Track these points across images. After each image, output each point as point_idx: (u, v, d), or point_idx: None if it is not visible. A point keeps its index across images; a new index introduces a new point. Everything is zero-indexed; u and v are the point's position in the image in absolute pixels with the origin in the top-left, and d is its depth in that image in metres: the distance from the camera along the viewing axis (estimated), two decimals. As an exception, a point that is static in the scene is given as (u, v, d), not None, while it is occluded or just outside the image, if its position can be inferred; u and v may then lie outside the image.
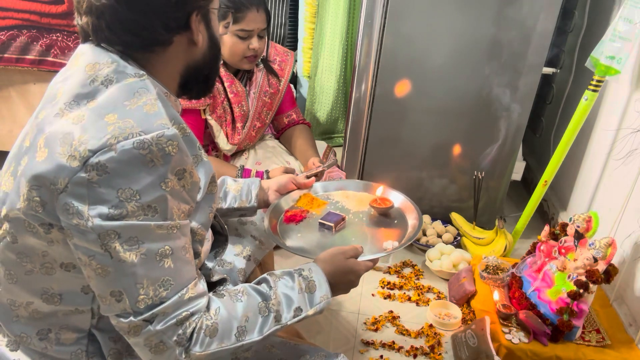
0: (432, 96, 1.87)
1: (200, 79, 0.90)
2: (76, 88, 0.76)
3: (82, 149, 0.70)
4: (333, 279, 0.93)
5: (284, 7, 2.57)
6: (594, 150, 1.86)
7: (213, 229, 1.15)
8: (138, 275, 0.73)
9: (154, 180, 0.72)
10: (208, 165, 0.87)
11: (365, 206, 1.28)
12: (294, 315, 0.87)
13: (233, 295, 0.85)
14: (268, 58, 1.91)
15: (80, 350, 0.86)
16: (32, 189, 0.73)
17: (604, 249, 1.31)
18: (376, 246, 1.13)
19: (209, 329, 0.78)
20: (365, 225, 1.22)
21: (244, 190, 1.22)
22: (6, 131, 2.22)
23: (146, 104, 0.75)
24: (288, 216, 1.23)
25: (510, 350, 1.35)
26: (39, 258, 0.80)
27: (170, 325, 0.75)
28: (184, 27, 0.80)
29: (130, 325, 0.75)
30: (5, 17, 2.00)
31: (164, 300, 0.75)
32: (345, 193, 1.34)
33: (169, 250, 0.76)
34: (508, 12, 1.71)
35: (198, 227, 0.86)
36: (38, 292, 0.82)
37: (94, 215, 0.70)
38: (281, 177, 1.30)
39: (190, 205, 0.80)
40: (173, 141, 0.74)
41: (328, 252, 0.98)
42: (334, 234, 1.17)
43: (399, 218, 1.25)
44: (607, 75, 1.55)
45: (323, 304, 0.90)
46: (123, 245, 0.72)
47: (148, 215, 0.73)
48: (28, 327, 0.85)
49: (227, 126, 1.83)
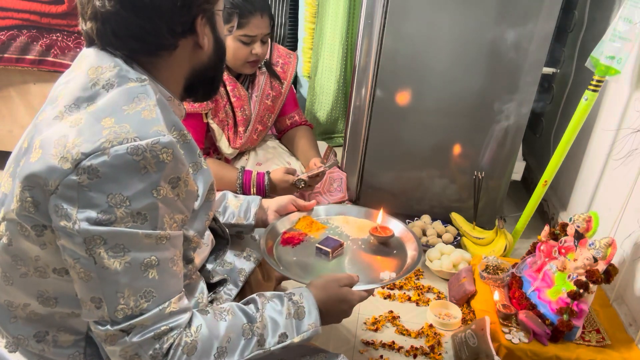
0: (432, 96, 1.87)
1: (206, 81, 0.89)
2: (77, 91, 0.76)
3: (75, 151, 0.69)
4: (324, 307, 0.91)
5: (284, 7, 2.57)
6: (594, 150, 1.86)
7: (214, 233, 1.14)
8: (120, 284, 0.72)
9: (145, 187, 0.71)
10: (207, 173, 0.86)
11: (365, 233, 1.24)
12: (279, 341, 0.84)
13: (218, 313, 0.82)
14: (271, 61, 1.90)
15: (77, 352, 0.85)
16: (25, 189, 0.73)
17: (604, 249, 1.31)
18: (372, 276, 1.09)
19: (187, 346, 0.76)
20: (363, 253, 1.18)
21: (244, 207, 1.20)
22: (6, 131, 2.22)
23: (144, 110, 0.75)
24: (285, 238, 1.19)
25: (510, 350, 1.35)
26: (32, 262, 0.79)
27: (147, 339, 0.74)
28: (189, 31, 0.80)
29: (107, 334, 0.74)
30: (5, 17, 2.00)
31: (144, 312, 0.73)
32: (346, 218, 1.30)
33: (155, 261, 0.74)
34: (508, 11, 1.71)
35: (194, 234, 0.85)
36: (34, 294, 0.82)
37: (81, 219, 0.70)
38: (282, 197, 1.28)
39: (184, 215, 0.79)
40: (168, 149, 0.73)
41: (322, 278, 0.96)
42: (330, 260, 1.13)
43: (398, 248, 1.20)
44: (607, 75, 1.55)
45: (310, 333, 0.86)
46: (108, 252, 0.71)
47: (137, 222, 0.72)
48: (25, 329, 0.85)
49: (229, 130, 1.82)
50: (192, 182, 0.79)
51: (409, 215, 2.07)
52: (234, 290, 1.13)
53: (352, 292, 0.96)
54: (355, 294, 0.96)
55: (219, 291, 1.09)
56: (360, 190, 2.09)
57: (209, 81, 0.90)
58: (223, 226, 1.12)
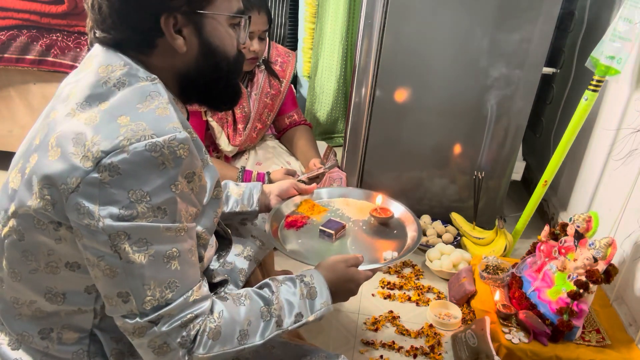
0: (432, 96, 1.87)
1: (200, 90, 0.87)
2: (88, 89, 0.77)
3: (95, 149, 0.71)
4: (334, 287, 0.94)
5: (284, 7, 2.57)
6: (594, 150, 1.86)
7: (217, 234, 1.15)
8: (146, 277, 0.74)
9: (164, 183, 0.73)
10: (213, 170, 0.87)
11: (365, 215, 1.27)
12: (295, 321, 0.88)
13: (236, 298, 0.85)
14: (269, 59, 1.91)
15: (82, 350, 0.86)
16: (44, 187, 0.74)
17: (604, 249, 1.31)
18: (375, 255, 1.13)
19: (212, 331, 0.79)
20: (365, 234, 1.21)
21: (246, 194, 1.22)
22: (6, 131, 2.22)
23: (158, 108, 0.76)
24: (289, 222, 1.23)
25: (510, 350, 1.35)
26: (44, 257, 0.80)
27: (175, 327, 0.76)
28: (155, 29, 0.78)
29: (136, 326, 0.75)
30: (5, 17, 2.00)
31: (170, 302, 0.76)
32: (346, 200, 1.34)
33: (176, 253, 0.76)
34: (508, 11, 1.71)
35: (203, 231, 0.86)
36: (42, 291, 0.83)
37: (104, 216, 0.71)
38: (283, 182, 1.30)
39: (197, 208, 0.81)
40: (184, 144, 0.74)
41: (330, 259, 0.99)
42: (334, 242, 1.17)
43: (398, 228, 1.24)
44: (607, 75, 1.55)
45: (323, 311, 0.91)
46: (132, 247, 0.73)
47: (157, 217, 0.74)
48: (30, 326, 0.85)
49: (229, 127, 1.83)
50: (204, 177, 0.81)
51: (409, 215, 2.07)
52: (234, 290, 1.13)
53: (358, 272, 0.99)
54: (362, 273, 0.99)
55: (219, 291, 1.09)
56: (360, 190, 2.09)
57: (204, 89, 0.87)
58: (225, 227, 1.12)
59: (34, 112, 2.15)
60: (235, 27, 0.86)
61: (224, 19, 0.83)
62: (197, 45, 0.82)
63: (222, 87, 0.89)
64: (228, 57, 0.86)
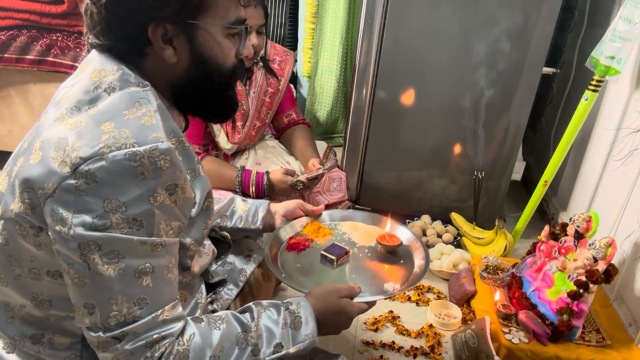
0: (432, 96, 1.87)
1: (192, 100, 0.85)
2: (80, 94, 0.76)
3: (74, 155, 0.69)
4: (322, 317, 0.89)
5: (284, 7, 2.58)
6: (594, 150, 1.86)
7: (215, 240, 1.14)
8: (113, 291, 0.72)
9: (142, 193, 0.71)
10: (205, 181, 0.85)
11: (372, 241, 1.21)
12: (274, 352, 0.83)
13: (212, 322, 0.81)
14: (267, 58, 1.91)
15: (74, 355, 0.85)
16: (25, 190, 0.73)
17: (604, 249, 1.31)
18: (377, 285, 1.05)
19: (179, 354, 0.75)
20: (369, 262, 1.14)
21: (251, 211, 1.19)
22: (6, 131, 2.22)
23: (145, 115, 0.74)
24: (291, 244, 1.17)
25: (510, 350, 1.35)
26: (27, 263, 0.79)
27: (139, 347, 0.73)
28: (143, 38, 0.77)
29: (99, 340, 0.73)
30: (5, 17, 2.00)
31: (136, 320, 0.73)
32: (354, 224, 1.27)
33: (149, 268, 0.73)
34: (508, 11, 1.71)
35: (191, 242, 0.85)
36: (28, 296, 0.81)
37: (77, 224, 0.69)
38: (289, 202, 1.26)
39: (181, 222, 0.79)
40: (166, 155, 0.72)
41: (321, 288, 0.94)
42: (335, 268, 1.10)
43: (405, 257, 1.16)
44: (607, 75, 1.55)
45: (307, 343, 0.85)
46: (102, 258, 0.71)
47: (132, 228, 0.71)
48: (22, 330, 0.84)
49: (227, 125, 1.83)
50: (190, 190, 0.79)
51: (409, 215, 2.07)
52: (235, 290, 1.13)
53: (351, 304, 0.93)
54: (355, 305, 0.94)
55: (219, 291, 1.09)
56: (360, 190, 2.09)
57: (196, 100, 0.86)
58: (224, 234, 1.12)
59: (34, 112, 2.16)
60: (234, 37, 0.84)
61: (219, 29, 0.81)
62: (188, 56, 0.80)
63: (214, 99, 0.87)
64: (221, 68, 0.84)
